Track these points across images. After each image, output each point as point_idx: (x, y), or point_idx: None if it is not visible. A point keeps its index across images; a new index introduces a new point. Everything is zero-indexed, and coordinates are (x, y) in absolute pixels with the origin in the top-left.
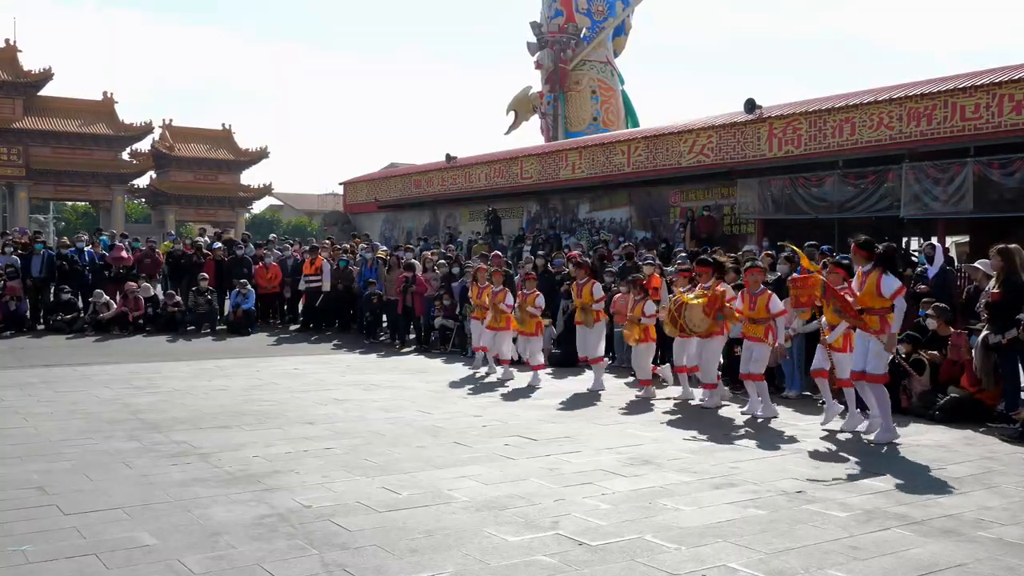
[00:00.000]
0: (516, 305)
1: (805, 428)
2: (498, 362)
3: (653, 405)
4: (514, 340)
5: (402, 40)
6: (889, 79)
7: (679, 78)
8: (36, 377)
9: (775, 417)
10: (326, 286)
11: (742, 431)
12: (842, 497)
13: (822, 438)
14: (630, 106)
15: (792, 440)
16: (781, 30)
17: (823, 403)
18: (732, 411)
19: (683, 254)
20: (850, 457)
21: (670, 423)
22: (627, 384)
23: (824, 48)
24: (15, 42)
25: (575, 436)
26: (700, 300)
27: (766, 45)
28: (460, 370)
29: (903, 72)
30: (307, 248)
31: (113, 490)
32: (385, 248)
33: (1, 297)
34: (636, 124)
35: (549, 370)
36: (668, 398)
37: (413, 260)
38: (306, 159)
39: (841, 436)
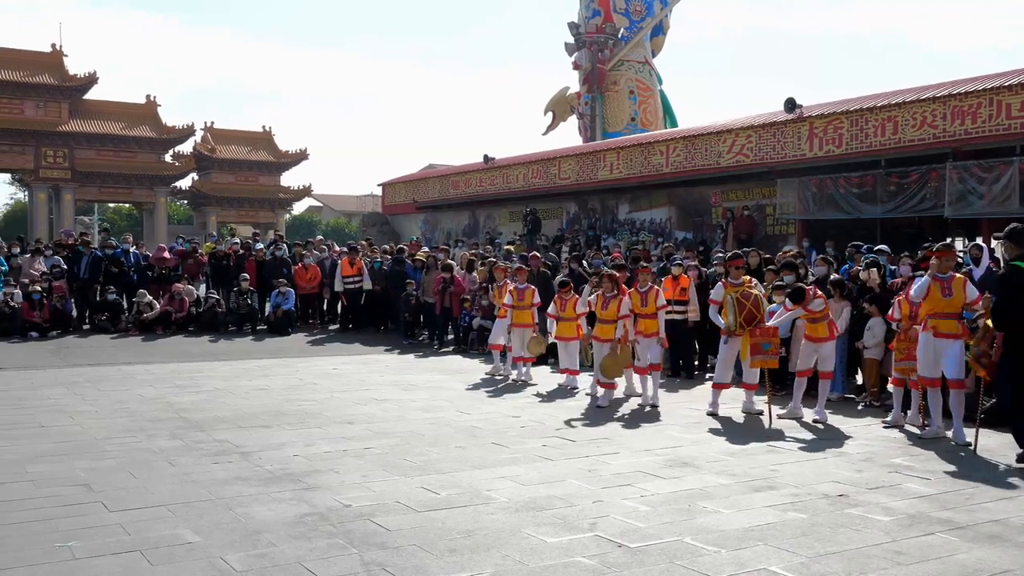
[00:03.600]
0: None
1: (847, 431)
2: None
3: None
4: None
5: (440, 42)
6: (933, 78)
7: (718, 78)
8: (81, 376)
9: (801, 417)
10: (367, 285)
11: (782, 433)
12: (885, 501)
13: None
14: (668, 106)
15: (834, 442)
16: (822, 29)
17: (862, 405)
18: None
19: (719, 254)
20: (893, 460)
21: (711, 429)
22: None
23: (868, 48)
24: (61, 47)
25: (613, 437)
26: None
27: (806, 45)
28: None
29: (947, 71)
30: (346, 249)
31: (156, 488)
32: (427, 249)
33: (48, 297)
34: (675, 124)
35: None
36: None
37: (450, 261)
38: (345, 161)
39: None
